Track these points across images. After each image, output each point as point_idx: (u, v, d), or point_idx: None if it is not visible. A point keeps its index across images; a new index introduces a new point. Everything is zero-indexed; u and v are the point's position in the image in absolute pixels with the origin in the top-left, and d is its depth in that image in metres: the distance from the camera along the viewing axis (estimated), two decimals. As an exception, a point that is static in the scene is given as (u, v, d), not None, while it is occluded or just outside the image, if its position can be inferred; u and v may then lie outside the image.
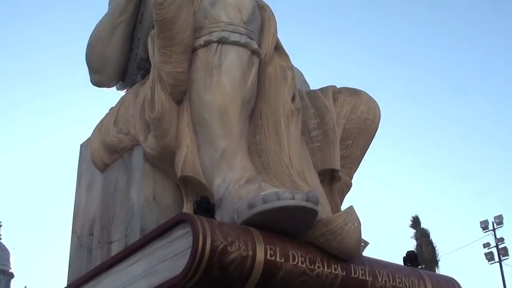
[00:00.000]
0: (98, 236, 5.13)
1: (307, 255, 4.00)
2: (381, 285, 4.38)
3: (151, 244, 4.00)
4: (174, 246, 3.79)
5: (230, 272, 3.66)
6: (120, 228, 4.81)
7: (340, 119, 5.17)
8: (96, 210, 5.29)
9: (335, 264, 4.12)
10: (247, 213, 3.95)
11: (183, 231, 3.74)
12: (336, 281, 4.09)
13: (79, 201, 5.67)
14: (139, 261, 4.06)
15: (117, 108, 5.43)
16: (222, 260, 3.61)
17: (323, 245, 4.08)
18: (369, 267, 4.38)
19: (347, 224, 4.09)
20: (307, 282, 3.95)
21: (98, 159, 5.35)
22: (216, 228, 3.69)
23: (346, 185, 5.32)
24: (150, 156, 4.73)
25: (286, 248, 3.93)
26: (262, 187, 4.13)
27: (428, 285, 4.72)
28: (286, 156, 4.45)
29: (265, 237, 3.88)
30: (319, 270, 4.02)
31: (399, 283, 4.50)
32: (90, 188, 5.50)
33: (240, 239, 3.73)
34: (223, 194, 4.25)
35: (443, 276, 5.15)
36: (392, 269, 4.55)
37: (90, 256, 5.15)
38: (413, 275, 4.69)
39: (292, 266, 3.89)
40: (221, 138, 4.40)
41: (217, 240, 3.62)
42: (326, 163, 4.93)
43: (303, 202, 3.90)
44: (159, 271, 3.81)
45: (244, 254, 3.70)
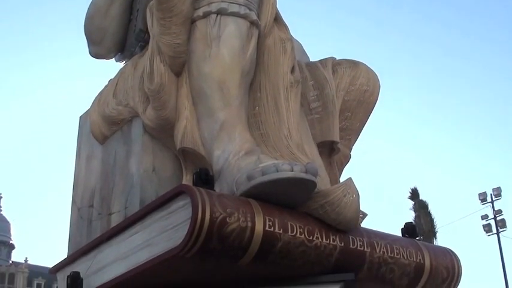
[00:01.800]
0: (97, 208, 5.15)
1: (306, 227, 4.02)
2: (379, 256, 4.41)
3: (150, 215, 4.03)
4: (174, 217, 3.81)
5: (229, 243, 3.69)
6: (119, 199, 4.83)
7: (340, 91, 5.17)
8: (95, 182, 5.31)
9: (333, 236, 4.15)
10: (247, 184, 3.97)
11: (182, 202, 3.76)
12: (334, 252, 4.12)
13: (78, 173, 5.68)
14: (139, 232, 4.09)
15: (116, 80, 5.41)
16: (221, 231, 3.64)
17: (321, 216, 4.11)
18: (367, 238, 4.41)
19: (346, 195, 4.11)
20: (306, 253, 3.98)
21: (97, 131, 5.35)
22: (215, 199, 3.71)
23: (345, 156, 5.33)
24: (149, 128, 4.73)
25: (285, 219, 3.95)
26: (261, 159, 4.14)
27: (426, 256, 4.75)
28: (285, 128, 4.46)
29: (264, 208, 3.90)
30: (317, 241, 4.05)
31: (397, 254, 4.53)
32: (90, 160, 5.51)
33: (239, 210, 3.75)
34: (222, 165, 4.27)
35: (441, 248, 5.18)
36: (391, 240, 4.58)
37: (90, 227, 5.17)
38: (411, 246, 4.72)
39: (291, 237, 3.92)
40: (220, 110, 4.40)
41: (216, 211, 3.65)
42: (325, 135, 4.94)
43: (301, 174, 3.91)
44: (159, 242, 3.84)
45: (243, 225, 3.72)
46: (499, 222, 24.73)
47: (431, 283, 4.80)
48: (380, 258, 4.41)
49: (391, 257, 4.48)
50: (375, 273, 4.40)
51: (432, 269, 4.77)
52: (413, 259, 4.64)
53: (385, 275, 4.47)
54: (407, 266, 4.59)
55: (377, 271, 4.41)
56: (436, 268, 4.80)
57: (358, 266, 4.29)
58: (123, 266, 4.13)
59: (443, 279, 4.87)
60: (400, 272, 4.54)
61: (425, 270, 4.71)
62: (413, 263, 4.64)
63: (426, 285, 4.76)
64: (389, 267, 4.45)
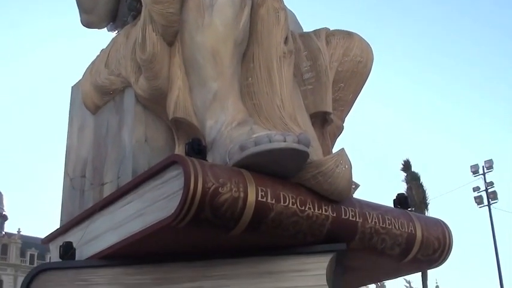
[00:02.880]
0: (90, 178, 5.14)
1: (298, 197, 4.03)
2: (371, 226, 4.43)
3: (143, 185, 4.03)
4: (166, 187, 3.81)
5: (222, 213, 3.69)
6: (112, 170, 4.83)
7: (333, 62, 5.14)
8: (88, 152, 5.29)
9: (325, 206, 4.16)
10: (239, 155, 3.96)
11: (175, 172, 3.76)
12: (326, 222, 4.13)
13: (71, 143, 5.66)
14: (132, 202, 4.09)
15: (108, 49, 5.37)
16: (213, 201, 3.64)
17: (314, 187, 4.11)
18: (359, 209, 4.42)
19: (338, 166, 4.11)
20: (298, 223, 4.00)
21: (89, 101, 5.32)
22: (208, 169, 3.71)
23: (337, 128, 5.33)
24: (141, 98, 4.71)
25: (277, 190, 3.96)
26: (254, 129, 4.14)
27: (417, 227, 4.77)
28: (278, 99, 4.44)
29: (256, 178, 3.90)
30: (309, 211, 4.06)
31: (389, 225, 4.55)
32: (82, 130, 5.49)
33: (231, 180, 3.76)
34: (215, 136, 4.26)
35: (432, 219, 5.21)
36: (382, 211, 4.59)
37: (83, 198, 5.17)
38: (403, 217, 4.74)
39: (283, 207, 3.93)
40: (213, 79, 4.38)
41: (208, 181, 3.65)
42: (318, 106, 4.93)
43: (294, 144, 3.91)
44: (152, 212, 3.84)
45: (235, 195, 3.73)
46: (491, 194, 24.88)
47: (423, 253, 4.83)
48: (372, 228, 4.43)
49: (382, 228, 4.50)
50: (366, 243, 4.42)
51: (423, 240, 4.79)
52: (404, 230, 4.67)
53: (377, 245, 4.49)
54: (399, 237, 4.61)
55: (369, 241, 4.43)
56: (427, 239, 4.83)
57: (350, 236, 4.30)
58: (116, 236, 4.13)
59: (434, 249, 4.90)
60: (391, 242, 4.56)
61: (416, 240, 4.74)
62: (405, 234, 4.66)
63: (417, 255, 4.79)
64: (381, 237, 4.48)
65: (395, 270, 5.28)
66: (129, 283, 4.13)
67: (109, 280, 4.21)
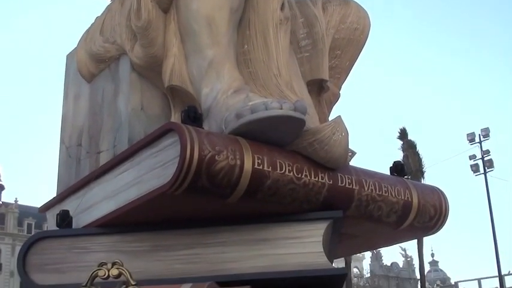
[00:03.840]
0: (86, 146, 5.13)
1: (295, 164, 4.03)
2: (367, 194, 4.44)
3: (139, 153, 4.02)
4: (162, 155, 3.81)
5: (218, 181, 3.69)
6: (108, 138, 4.82)
7: (330, 29, 5.11)
8: (83, 120, 5.28)
9: (322, 173, 4.17)
10: (235, 123, 3.95)
11: (171, 140, 3.75)
12: (322, 189, 4.14)
13: (66, 112, 5.64)
14: (128, 170, 4.09)
15: (103, 17, 5.33)
16: (210, 169, 3.64)
17: (310, 155, 4.11)
18: (356, 176, 4.43)
19: (335, 133, 4.11)
20: (295, 190, 4.00)
21: (85, 69, 5.29)
22: (204, 137, 3.70)
23: (334, 95, 5.32)
24: (137, 66, 4.68)
25: (273, 157, 3.96)
26: (250, 97, 4.12)
27: (413, 194, 4.78)
28: (275, 66, 4.42)
29: (253, 146, 3.90)
30: (306, 179, 4.06)
31: (385, 192, 4.56)
32: (78, 99, 5.47)
33: (228, 148, 3.75)
34: (211, 103, 4.24)
35: (428, 186, 5.22)
36: (379, 178, 4.60)
37: (79, 166, 5.17)
38: (399, 185, 4.75)
39: (280, 174, 3.93)
40: (209, 47, 4.35)
41: (205, 149, 3.64)
42: (314, 73, 4.91)
43: (290, 112, 3.90)
44: (148, 179, 3.84)
45: (232, 163, 3.73)
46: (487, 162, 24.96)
47: (419, 220, 4.85)
48: (368, 196, 4.44)
49: (379, 195, 4.51)
50: (363, 210, 4.44)
51: (420, 207, 4.81)
52: (401, 197, 4.68)
53: (373, 213, 4.50)
54: (395, 204, 4.62)
55: (365, 209, 4.44)
56: (423, 206, 4.84)
57: (346, 204, 4.32)
58: (112, 204, 4.14)
59: (430, 216, 4.92)
60: (388, 210, 4.58)
61: (412, 208, 4.75)
62: (401, 201, 4.67)
63: (414, 222, 4.81)
64: (377, 204, 4.49)
65: (391, 238, 5.31)
66: (126, 250, 4.14)
67: (107, 247, 4.23)
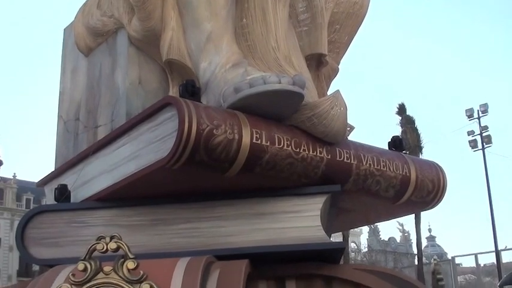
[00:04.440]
0: (84, 121, 5.12)
1: (293, 139, 4.03)
2: (365, 168, 4.44)
3: (137, 127, 4.01)
4: (160, 129, 3.80)
5: (216, 155, 3.69)
6: (105, 112, 4.80)
7: (329, 3, 5.07)
8: (81, 94, 5.26)
9: (320, 148, 4.16)
10: (234, 97, 3.94)
11: (169, 114, 3.74)
12: (321, 164, 4.14)
13: (64, 86, 5.62)
14: (126, 145, 4.08)
15: (100, -10, 5.28)
16: (208, 143, 3.63)
17: (309, 129, 4.11)
18: (354, 150, 4.42)
19: (333, 108, 4.10)
20: (293, 164, 4.00)
21: (82, 43, 5.26)
22: (202, 111, 3.69)
23: (333, 70, 5.29)
24: (134, 40, 4.66)
25: (272, 132, 3.95)
26: (249, 71, 4.10)
27: (412, 169, 4.78)
28: (273, 40, 4.39)
29: (251, 121, 3.89)
30: (304, 153, 4.06)
31: (383, 167, 4.56)
32: (75, 73, 5.44)
33: (226, 122, 3.74)
34: (209, 77, 4.23)
35: (427, 161, 5.22)
36: (377, 153, 4.60)
37: (77, 141, 5.15)
38: (397, 159, 4.75)
39: (278, 149, 3.93)
40: (207, 20, 4.32)
41: (203, 123, 3.63)
42: (313, 47, 4.87)
43: (289, 86, 3.88)
44: (146, 154, 3.83)
45: (230, 137, 3.72)
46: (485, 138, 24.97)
47: (417, 195, 4.85)
48: (366, 170, 4.44)
49: (377, 170, 4.51)
50: (361, 185, 4.44)
51: (418, 182, 4.82)
52: (399, 172, 4.68)
53: (371, 187, 4.51)
54: (393, 179, 4.63)
55: (363, 183, 4.44)
56: (421, 181, 4.85)
57: (344, 178, 4.32)
58: (110, 178, 4.14)
59: (428, 191, 4.93)
60: (386, 184, 4.58)
61: (411, 182, 4.76)
62: (399, 176, 4.68)
63: (411, 197, 4.82)
64: (375, 179, 4.49)
65: (389, 212, 5.32)
66: (125, 224, 4.15)
67: (105, 221, 4.23)
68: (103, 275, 3.28)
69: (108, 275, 3.28)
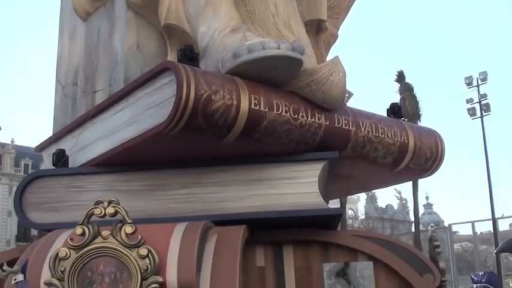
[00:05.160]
0: (82, 86, 5.10)
1: (291, 105, 4.02)
2: (364, 135, 4.44)
3: (135, 93, 4.00)
4: (159, 94, 3.78)
5: (214, 121, 3.68)
6: (103, 77, 4.78)
7: (328, -32, 5.02)
8: (79, 59, 5.23)
9: (319, 114, 4.16)
10: (232, 62, 3.92)
11: (167, 79, 3.72)
12: (319, 130, 4.14)
13: (62, 51, 5.59)
14: (124, 110, 4.07)
15: (97, -46, 5.22)
16: (206, 109, 3.62)
17: (307, 95, 4.10)
18: (353, 117, 4.42)
19: (332, 74, 4.09)
20: (291, 131, 4.00)
21: (80, 7, 5.22)
22: (200, 76, 3.67)
23: (332, 36, 5.26)
24: (133, 4, 4.61)
25: (270, 98, 3.94)
26: (247, 36, 4.08)
27: (410, 136, 4.79)
28: (272, 5, 4.36)
29: (249, 86, 3.88)
30: (302, 119, 4.06)
31: (382, 133, 4.56)
32: (73, 38, 5.41)
33: (224, 88, 3.73)
34: (207, 43, 4.20)
35: (425, 128, 5.23)
36: (376, 120, 4.60)
37: (75, 106, 5.14)
38: (396, 126, 4.75)
39: (276, 115, 3.92)
40: (205, -16, 4.28)
41: (201, 88, 3.62)
42: (313, 13, 4.84)
43: (288, 52, 3.86)
44: (144, 119, 3.83)
45: (228, 103, 3.71)
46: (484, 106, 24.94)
47: (415, 162, 4.87)
48: (365, 137, 4.44)
49: (375, 136, 4.51)
50: (359, 151, 4.45)
51: (416, 149, 4.83)
52: (397, 138, 4.69)
53: (369, 154, 4.51)
54: (392, 146, 4.63)
55: (361, 150, 4.45)
56: (419, 148, 4.86)
57: (342, 145, 4.32)
58: (109, 143, 4.14)
59: (426, 158, 4.94)
60: (384, 151, 4.59)
61: (409, 149, 4.77)
62: (398, 143, 4.68)
63: (409, 164, 4.83)
64: (373, 146, 4.50)
65: (387, 179, 5.34)
66: (123, 189, 4.16)
67: (103, 186, 4.24)
68: (101, 239, 3.30)
69: (106, 240, 3.29)
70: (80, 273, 3.24)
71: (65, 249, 3.29)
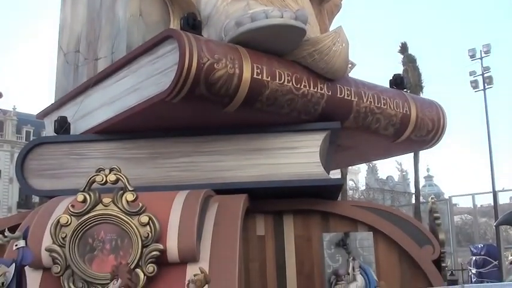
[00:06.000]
0: (84, 53, 5.07)
1: (294, 75, 4.01)
2: (366, 106, 4.43)
3: (138, 60, 3.99)
4: (161, 62, 3.77)
5: (216, 89, 3.67)
6: (106, 44, 4.75)
7: None
8: (81, 26, 5.20)
9: (321, 84, 4.14)
10: (235, 31, 3.90)
11: (169, 47, 3.71)
12: (321, 100, 4.13)
13: (64, 18, 5.56)
14: (126, 77, 4.06)
15: None
16: (208, 77, 3.61)
17: (310, 65, 4.08)
18: (355, 88, 4.41)
19: (335, 44, 4.07)
20: (293, 100, 3.99)
21: (82, -28, 5.17)
22: (203, 45, 3.65)
23: (335, 5, 5.24)
24: (135, -29, 4.57)
25: (273, 67, 3.93)
26: (251, 5, 4.06)
27: (412, 107, 4.78)
28: (276, -26, 4.32)
29: (252, 55, 3.86)
30: (305, 89, 4.04)
31: (384, 104, 4.56)
32: (75, 4, 5.37)
33: (227, 56, 3.71)
34: (210, 11, 4.17)
35: (427, 100, 5.21)
36: (378, 91, 4.59)
37: (77, 73, 5.12)
38: (398, 97, 4.74)
39: (279, 84, 3.91)
40: (209, -50, 4.24)
41: (203, 57, 3.60)
42: (316, -18, 4.80)
43: (291, 21, 3.84)
44: (146, 87, 3.82)
45: (231, 72, 3.70)
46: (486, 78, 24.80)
47: (416, 134, 4.87)
48: (367, 108, 4.43)
49: (377, 107, 4.50)
50: (361, 122, 4.44)
51: (418, 121, 4.82)
52: (399, 110, 4.68)
53: (371, 125, 4.51)
54: (394, 117, 4.63)
55: (363, 120, 4.45)
56: (421, 120, 4.85)
57: (344, 115, 4.32)
58: (110, 111, 4.14)
59: (428, 130, 4.94)
60: (385, 122, 4.58)
61: (411, 121, 4.76)
62: (400, 114, 4.68)
63: (411, 135, 4.83)
64: (375, 117, 4.49)
65: (388, 151, 5.34)
66: (124, 157, 4.17)
67: (104, 154, 4.25)
68: (102, 206, 3.32)
69: (107, 207, 3.31)
70: (81, 240, 3.27)
71: (66, 216, 3.31)
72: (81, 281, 3.23)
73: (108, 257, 3.24)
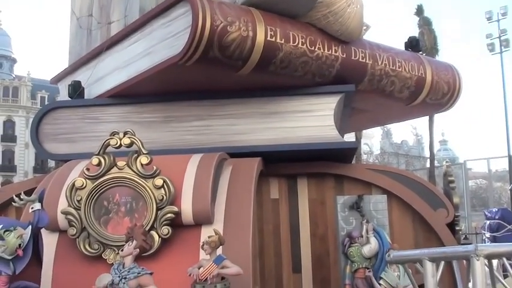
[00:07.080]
0: (97, 17, 5.05)
1: (308, 37, 3.97)
2: (381, 68, 4.40)
3: (151, 23, 3.96)
4: (174, 25, 3.75)
5: (230, 52, 3.65)
6: (119, 8, 4.73)
7: None
8: (94, -10, 5.17)
9: (335, 46, 4.11)
10: (248, -7, 3.87)
11: (182, 10, 3.68)
12: (335, 62, 4.10)
13: (77, -19, 5.53)
14: (139, 41, 4.05)
15: None
16: (221, 40, 3.59)
17: (324, 27, 4.05)
18: (370, 50, 4.37)
19: (350, 5, 4.03)
20: (307, 63, 3.96)
21: None
22: (216, 7, 3.62)
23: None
24: None
25: (286, 29, 3.89)
26: (264, -33, 4.00)
27: (427, 70, 4.74)
28: None
29: (266, 17, 3.83)
30: (319, 51, 4.01)
31: (399, 67, 4.52)
32: (88, -33, 5.34)
33: (240, 19, 3.68)
34: (223, -27, 4.13)
35: (443, 63, 5.17)
36: (393, 53, 4.55)
37: (90, 37, 5.11)
38: (413, 60, 4.70)
39: (293, 47, 3.88)
40: None
41: (217, 19, 3.57)
42: None
43: (305, -19, 3.80)
44: (160, 50, 3.80)
45: (244, 34, 3.67)
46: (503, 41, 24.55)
47: (432, 97, 4.83)
48: (381, 70, 4.40)
49: (392, 70, 4.47)
50: (375, 85, 4.42)
51: (433, 83, 4.79)
52: (414, 73, 4.65)
53: (386, 88, 4.48)
54: (409, 79, 4.60)
55: (378, 83, 4.42)
56: (437, 82, 4.82)
57: (359, 78, 4.29)
58: (124, 75, 4.13)
59: (443, 93, 4.90)
60: (400, 85, 4.55)
61: (426, 84, 4.73)
62: (415, 77, 4.65)
63: (426, 99, 4.80)
64: (390, 79, 4.46)
65: (403, 114, 5.31)
66: (138, 121, 4.17)
67: (118, 118, 4.26)
68: (117, 169, 3.33)
69: (121, 170, 3.32)
70: (96, 203, 3.29)
71: (81, 179, 3.33)
72: (96, 242, 3.25)
73: (123, 219, 3.26)
